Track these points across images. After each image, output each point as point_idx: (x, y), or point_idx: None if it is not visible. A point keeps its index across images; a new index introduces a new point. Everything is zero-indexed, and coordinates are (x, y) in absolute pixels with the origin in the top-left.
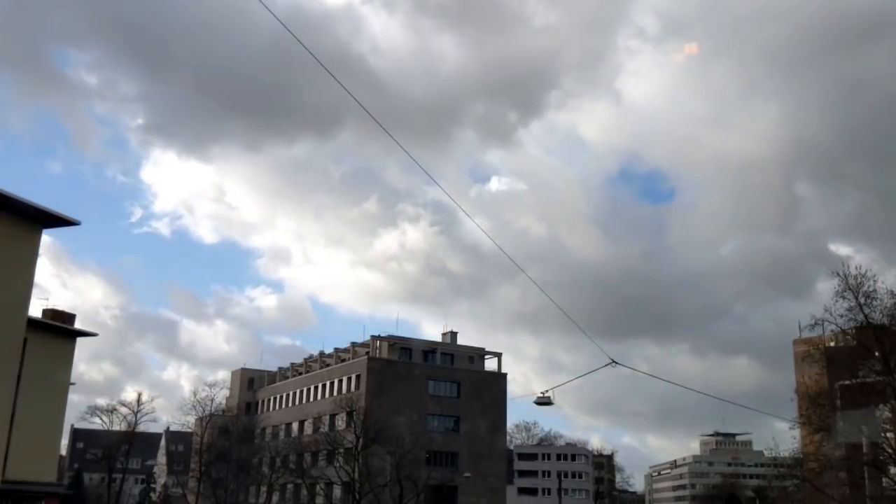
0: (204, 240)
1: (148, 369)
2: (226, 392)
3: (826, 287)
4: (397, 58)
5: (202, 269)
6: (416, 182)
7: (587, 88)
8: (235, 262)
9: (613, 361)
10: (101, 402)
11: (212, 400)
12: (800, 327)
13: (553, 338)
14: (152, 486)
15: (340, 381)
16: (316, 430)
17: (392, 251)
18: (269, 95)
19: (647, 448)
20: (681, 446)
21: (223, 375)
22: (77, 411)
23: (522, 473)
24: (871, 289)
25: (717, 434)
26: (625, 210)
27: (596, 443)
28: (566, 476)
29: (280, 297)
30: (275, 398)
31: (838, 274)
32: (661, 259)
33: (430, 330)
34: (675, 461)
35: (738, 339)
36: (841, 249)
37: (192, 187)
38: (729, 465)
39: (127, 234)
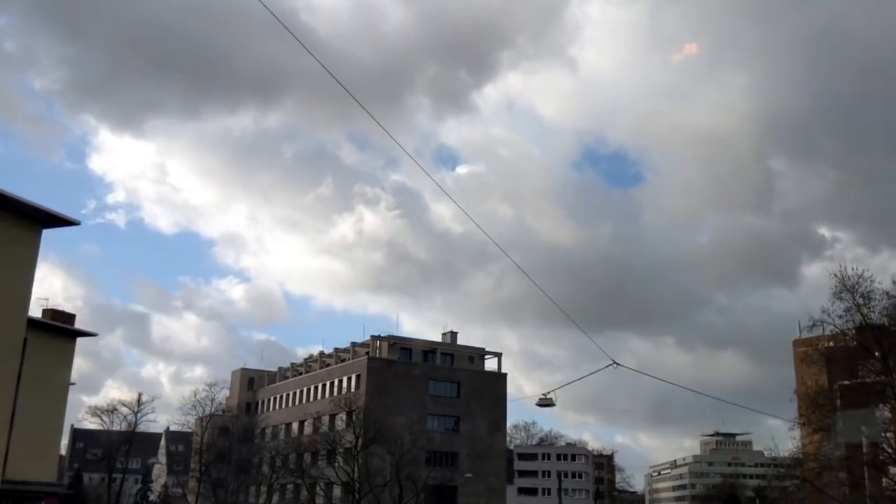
0: (162, 230)
1: (125, 366)
2: (226, 392)
3: (811, 271)
4: (334, 13)
5: (164, 259)
6: (373, 162)
7: (541, 52)
8: (197, 252)
9: (615, 363)
10: (85, 398)
11: (212, 400)
12: (799, 328)
13: (530, 329)
14: (150, 486)
15: (340, 381)
16: (316, 430)
17: (352, 237)
18: (203, 59)
19: (641, 447)
20: (673, 444)
21: (200, 372)
22: (77, 411)
23: (522, 473)
24: (868, 289)
25: (717, 434)
26: (593, 194)
27: (586, 440)
28: (566, 476)
29: (248, 288)
30: (275, 398)
31: (835, 275)
32: (636, 244)
33: (408, 323)
34: (675, 461)
35: (724, 330)
36: (823, 230)
37: (132, 169)
38: (729, 465)
39: (82, 224)
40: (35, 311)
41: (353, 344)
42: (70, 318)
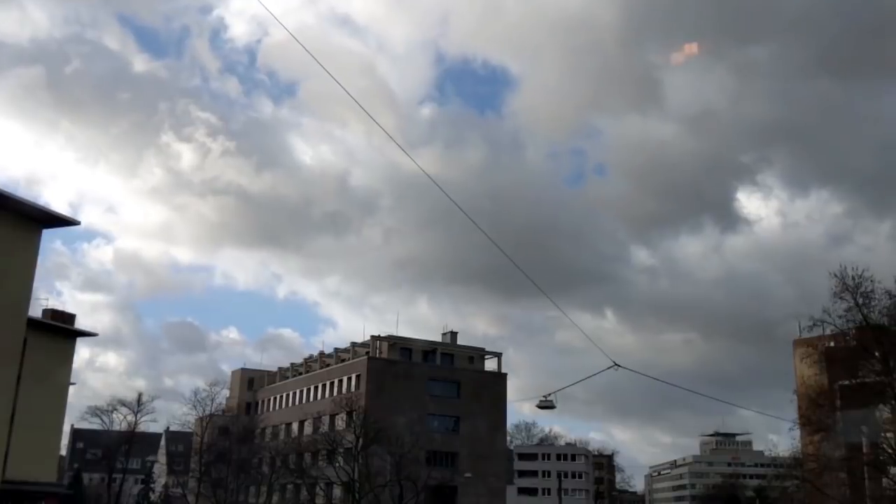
0: None
1: None
2: (226, 392)
3: (745, 198)
4: None
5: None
6: (188, 75)
7: None
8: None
9: (616, 364)
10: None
11: (212, 400)
12: (799, 328)
13: (441, 296)
14: (151, 486)
15: (340, 381)
16: (316, 430)
17: (205, 179)
18: None
19: (616, 442)
20: (646, 438)
21: (115, 361)
22: (77, 411)
23: (522, 473)
24: (869, 289)
25: (717, 434)
26: (451, 118)
27: (561, 431)
28: (566, 476)
29: (117, 251)
30: (275, 398)
31: (836, 275)
32: (521, 177)
33: (304, 288)
34: (675, 461)
35: (671, 299)
36: (745, 150)
37: None
38: (729, 465)
39: None
40: (35, 312)
41: (354, 344)
42: (70, 318)
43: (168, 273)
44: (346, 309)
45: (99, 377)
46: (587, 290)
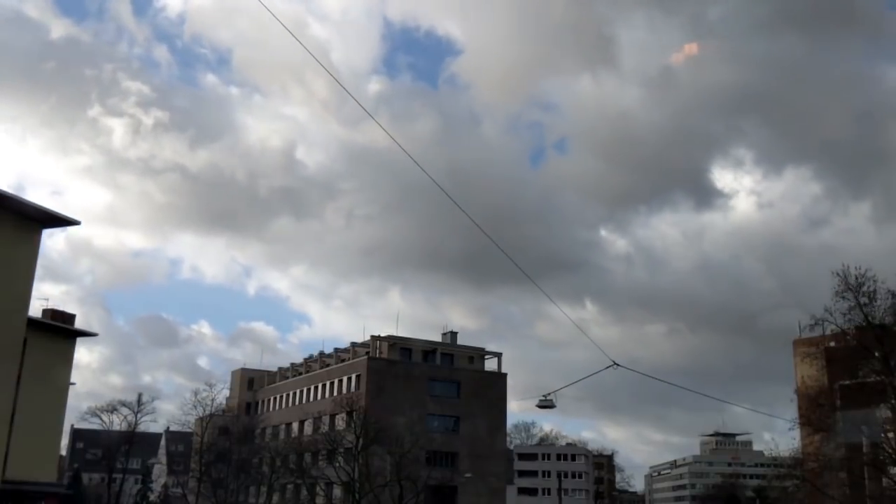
0: None
1: None
2: (226, 392)
3: (718, 172)
4: None
5: None
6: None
7: None
8: None
9: (615, 363)
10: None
11: (212, 400)
12: (800, 327)
13: (414, 286)
14: (150, 485)
15: (340, 381)
16: (316, 430)
17: (145, 155)
18: None
19: (608, 440)
20: (639, 437)
21: (88, 358)
22: (77, 411)
23: (522, 473)
24: (871, 289)
25: (717, 434)
26: (399, 91)
27: (547, 427)
28: (566, 476)
29: (70, 238)
30: (275, 398)
31: (838, 274)
32: (475, 152)
33: (275, 282)
34: (675, 461)
35: (650, 288)
36: (715, 117)
37: None
38: (729, 465)
39: None
40: (35, 311)
41: (353, 344)
42: (70, 318)
43: (127, 261)
44: (318, 300)
45: (74, 374)
46: (561, 278)
